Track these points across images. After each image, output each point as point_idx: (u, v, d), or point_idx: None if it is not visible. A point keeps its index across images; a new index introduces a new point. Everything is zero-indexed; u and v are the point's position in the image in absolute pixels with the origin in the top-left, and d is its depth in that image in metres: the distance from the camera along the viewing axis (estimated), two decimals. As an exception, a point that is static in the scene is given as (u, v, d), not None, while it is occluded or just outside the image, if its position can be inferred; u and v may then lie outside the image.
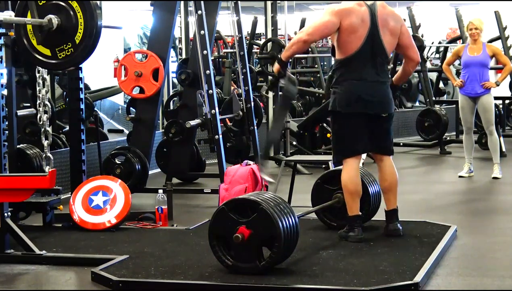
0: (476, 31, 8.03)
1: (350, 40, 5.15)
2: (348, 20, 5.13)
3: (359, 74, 5.18)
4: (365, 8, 5.18)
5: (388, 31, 5.23)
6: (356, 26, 5.13)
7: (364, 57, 5.17)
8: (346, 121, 5.23)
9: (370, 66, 5.19)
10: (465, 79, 8.08)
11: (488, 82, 8.02)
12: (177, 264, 4.66)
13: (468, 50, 8.10)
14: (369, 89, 5.18)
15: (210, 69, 6.74)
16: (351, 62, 5.18)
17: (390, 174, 5.36)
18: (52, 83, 9.13)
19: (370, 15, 5.17)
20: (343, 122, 5.24)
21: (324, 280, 4.27)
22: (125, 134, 9.35)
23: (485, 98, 8.06)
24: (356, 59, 5.17)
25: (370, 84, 5.19)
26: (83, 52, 5.28)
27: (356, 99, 5.17)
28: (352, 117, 5.20)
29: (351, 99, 5.18)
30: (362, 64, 5.18)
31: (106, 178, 6.10)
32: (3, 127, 5.00)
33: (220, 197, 6.16)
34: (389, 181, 5.36)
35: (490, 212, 6.62)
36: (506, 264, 4.82)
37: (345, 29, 5.13)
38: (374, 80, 5.21)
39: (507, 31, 12.09)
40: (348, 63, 5.19)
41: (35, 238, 5.24)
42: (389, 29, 5.23)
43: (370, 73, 5.19)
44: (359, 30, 5.14)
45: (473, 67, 8.04)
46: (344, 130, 5.26)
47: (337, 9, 5.16)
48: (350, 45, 5.16)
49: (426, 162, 10.14)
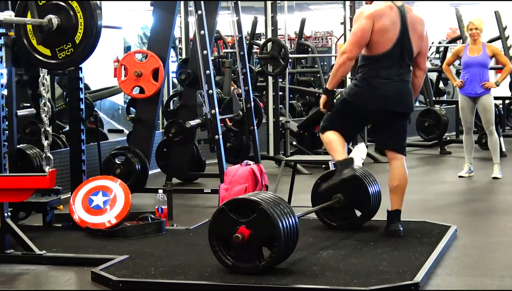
0: (476, 31, 8.03)
1: (382, 40, 5.23)
2: (380, 22, 5.21)
3: (387, 73, 5.26)
4: (395, 10, 5.27)
5: (416, 34, 5.33)
6: (388, 27, 5.22)
7: (393, 57, 5.26)
8: (355, 111, 5.32)
9: (397, 66, 5.28)
10: (465, 79, 8.08)
11: (488, 83, 8.02)
12: (177, 264, 4.66)
13: (468, 50, 8.10)
14: (394, 87, 5.26)
15: (210, 69, 6.74)
16: (380, 61, 5.25)
17: (401, 175, 5.38)
18: (52, 83, 9.13)
19: (400, 17, 5.26)
20: (351, 110, 5.32)
21: (324, 280, 4.27)
22: (125, 134, 9.36)
23: (485, 98, 8.06)
24: (386, 58, 5.25)
25: (395, 83, 5.27)
26: (83, 52, 5.28)
27: (379, 97, 5.25)
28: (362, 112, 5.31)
29: (374, 97, 5.26)
30: (391, 64, 5.26)
31: (106, 178, 6.10)
32: (3, 127, 5.00)
33: (220, 197, 6.16)
34: (399, 182, 5.37)
35: (490, 212, 6.62)
36: (506, 264, 4.82)
37: (378, 30, 5.21)
38: (399, 80, 5.29)
39: (507, 31, 12.09)
40: (377, 61, 5.26)
41: (35, 238, 5.24)
42: (417, 32, 5.34)
43: (397, 73, 5.28)
44: (391, 31, 5.23)
45: (473, 68, 8.04)
46: (345, 113, 5.34)
47: (369, 12, 5.22)
48: (382, 45, 5.24)
49: (426, 162, 10.14)
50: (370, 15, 5.21)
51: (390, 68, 5.26)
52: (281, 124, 9.43)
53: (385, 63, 5.25)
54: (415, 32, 5.31)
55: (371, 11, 5.22)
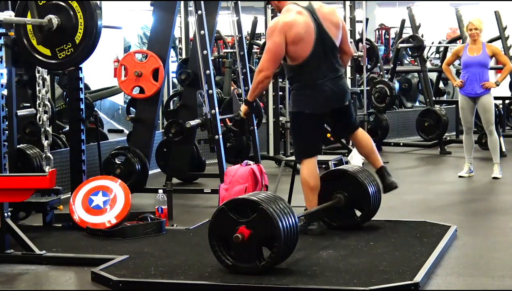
0: (475, 31, 8.01)
1: (300, 48, 5.33)
2: (292, 32, 5.30)
3: (319, 73, 5.36)
4: (304, 12, 5.34)
5: (332, 26, 5.43)
6: (301, 34, 5.31)
7: (318, 57, 5.34)
8: (312, 122, 5.44)
9: (325, 64, 5.38)
10: (465, 79, 8.07)
11: (488, 83, 8.01)
12: (177, 264, 4.66)
13: (467, 50, 8.10)
14: (331, 85, 5.39)
15: (210, 69, 6.74)
16: (307, 65, 5.35)
17: (365, 139, 5.66)
18: (52, 83, 9.13)
19: (312, 17, 5.34)
20: (308, 123, 5.44)
21: (324, 280, 4.27)
22: (125, 134, 9.35)
23: (485, 98, 8.05)
24: (311, 61, 5.34)
25: (331, 81, 5.39)
26: (83, 52, 5.29)
27: (324, 100, 5.38)
28: (317, 118, 5.44)
29: (319, 100, 5.38)
30: (318, 64, 5.36)
31: (106, 178, 6.10)
32: (3, 127, 5.00)
33: (220, 197, 6.15)
34: (367, 145, 5.65)
35: (490, 212, 6.61)
36: (506, 264, 4.82)
37: (292, 41, 5.30)
38: (334, 76, 5.42)
39: (507, 31, 12.08)
40: (304, 66, 5.35)
41: (35, 238, 5.24)
42: (333, 23, 5.43)
43: (328, 70, 5.39)
44: (306, 36, 5.32)
45: (473, 68, 8.03)
46: (309, 131, 5.45)
47: (279, 27, 5.30)
48: (302, 52, 5.33)
49: (426, 162, 10.13)
50: (281, 29, 5.28)
51: (318, 69, 5.35)
52: (281, 124, 9.42)
53: (312, 66, 5.34)
54: (331, 24, 5.40)
55: (280, 25, 5.30)
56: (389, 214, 6.04)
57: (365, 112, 10.42)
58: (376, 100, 10.91)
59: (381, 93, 10.87)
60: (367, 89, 10.68)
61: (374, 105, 10.97)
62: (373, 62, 11.13)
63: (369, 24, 12.44)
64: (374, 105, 10.97)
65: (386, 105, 10.94)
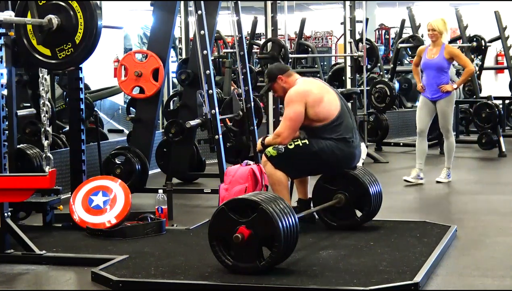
0: (433, 33, 7.74)
1: (324, 107, 5.42)
2: (311, 97, 5.39)
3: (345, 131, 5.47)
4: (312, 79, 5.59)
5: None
6: (320, 95, 5.43)
7: (345, 115, 5.49)
8: (315, 166, 5.50)
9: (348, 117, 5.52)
10: (424, 82, 7.84)
11: (444, 86, 7.69)
12: (177, 264, 4.66)
13: (427, 52, 7.84)
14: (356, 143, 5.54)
15: (210, 69, 6.74)
16: (339, 122, 5.46)
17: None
18: (52, 83, 9.13)
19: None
20: (313, 164, 5.48)
21: (324, 280, 4.27)
22: (125, 134, 9.35)
23: (442, 102, 7.72)
24: (341, 118, 5.46)
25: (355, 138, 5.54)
26: (83, 52, 5.28)
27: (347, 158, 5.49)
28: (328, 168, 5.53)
29: (344, 159, 5.47)
30: (347, 121, 5.49)
31: (106, 178, 6.10)
32: (3, 127, 5.00)
33: (220, 197, 6.15)
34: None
35: (490, 212, 6.61)
36: (506, 264, 4.82)
37: (312, 104, 5.39)
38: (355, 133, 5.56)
39: (507, 31, 12.10)
40: (337, 124, 5.46)
41: (35, 238, 5.24)
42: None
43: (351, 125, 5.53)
44: (325, 95, 5.45)
45: (430, 70, 7.75)
46: (306, 166, 5.50)
47: (298, 93, 5.41)
48: (328, 111, 5.43)
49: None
50: (301, 96, 5.38)
51: (347, 126, 5.46)
52: (281, 124, 9.40)
53: (343, 122, 5.45)
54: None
55: (298, 92, 5.40)
56: (389, 214, 6.04)
57: (365, 112, 10.42)
58: (376, 100, 10.92)
59: (381, 93, 10.88)
60: (367, 89, 10.68)
61: (374, 105, 10.97)
62: (373, 62, 11.13)
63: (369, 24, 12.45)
64: (374, 105, 10.98)
65: (386, 105, 10.94)
